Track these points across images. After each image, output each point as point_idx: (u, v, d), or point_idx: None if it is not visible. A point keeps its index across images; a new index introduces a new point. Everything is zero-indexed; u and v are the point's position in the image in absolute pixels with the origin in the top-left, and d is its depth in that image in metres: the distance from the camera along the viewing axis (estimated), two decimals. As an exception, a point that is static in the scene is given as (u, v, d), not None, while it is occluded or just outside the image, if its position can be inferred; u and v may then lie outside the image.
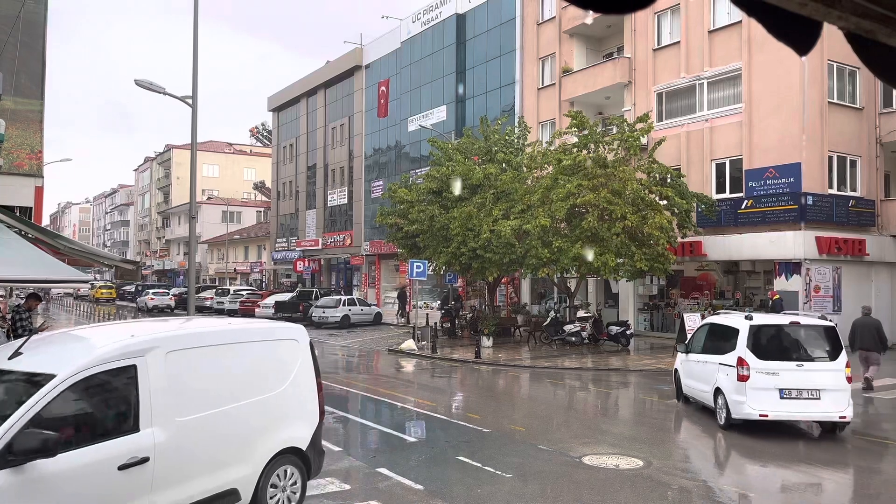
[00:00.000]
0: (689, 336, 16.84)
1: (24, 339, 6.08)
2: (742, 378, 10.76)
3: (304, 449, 7.09)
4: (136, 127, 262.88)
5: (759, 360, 10.77)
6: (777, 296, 21.69)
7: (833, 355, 10.81)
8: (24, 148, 15.81)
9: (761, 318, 11.68)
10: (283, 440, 6.89)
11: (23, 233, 13.33)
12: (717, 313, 15.04)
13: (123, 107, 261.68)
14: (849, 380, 10.72)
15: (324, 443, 10.51)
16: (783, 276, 22.19)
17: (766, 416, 10.65)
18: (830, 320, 11.91)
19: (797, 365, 10.70)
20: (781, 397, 10.60)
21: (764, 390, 10.63)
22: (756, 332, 11.03)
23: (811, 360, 10.84)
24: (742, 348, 10.96)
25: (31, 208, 15.76)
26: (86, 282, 15.73)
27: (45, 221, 41.87)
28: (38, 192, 16.08)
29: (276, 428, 6.87)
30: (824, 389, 10.57)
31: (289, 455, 6.94)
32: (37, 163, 16.08)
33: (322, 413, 7.44)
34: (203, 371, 6.33)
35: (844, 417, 10.53)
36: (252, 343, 7.00)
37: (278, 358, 7.14)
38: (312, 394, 7.36)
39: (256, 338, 7.14)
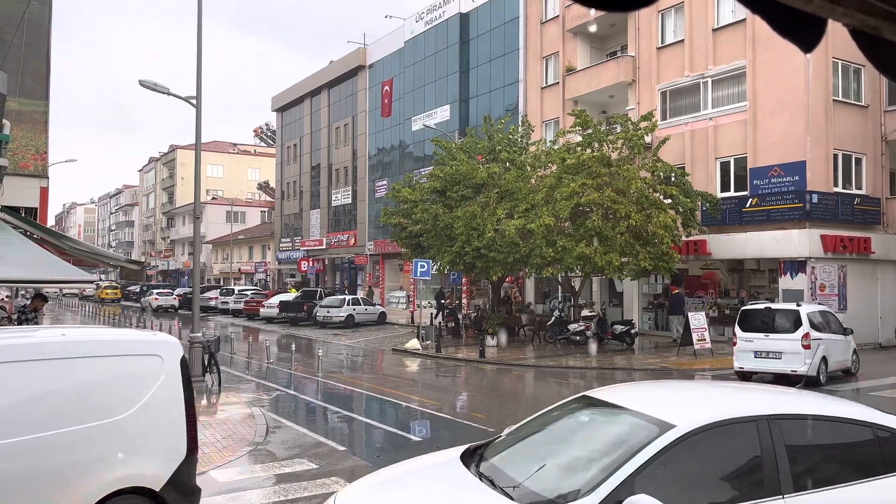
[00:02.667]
0: (693, 335, 18.72)
1: None
2: (734, 344, 15.93)
3: (157, 490, 5.74)
4: (139, 127, 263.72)
5: (742, 332, 15.62)
6: (676, 290, 23.85)
7: (793, 330, 14.90)
8: (28, 149, 15.86)
9: (750, 305, 17.01)
10: (123, 478, 5.61)
11: (28, 233, 13.38)
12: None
13: (127, 107, 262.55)
14: (806, 347, 14.63)
15: (329, 442, 10.59)
16: (788, 274, 22.13)
17: (743, 368, 15.52)
18: (799, 305, 15.88)
19: (765, 335, 15.22)
20: (755, 357, 15.34)
21: (744, 352, 15.52)
22: (743, 313, 16.21)
23: (776, 332, 15.13)
24: (735, 325, 16.05)
25: (36, 209, 15.83)
26: (91, 282, 15.79)
27: (51, 222, 42.02)
28: (44, 192, 16.14)
29: (114, 463, 5.62)
30: (784, 352, 14.87)
31: (136, 496, 5.69)
32: (42, 163, 16.14)
33: (194, 446, 6.10)
34: None
35: (795, 371, 14.40)
36: (84, 359, 5.78)
37: (126, 377, 5.90)
38: (177, 422, 5.98)
39: (93, 353, 5.88)
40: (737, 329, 15.92)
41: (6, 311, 16.87)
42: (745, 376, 15.58)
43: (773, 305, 16.47)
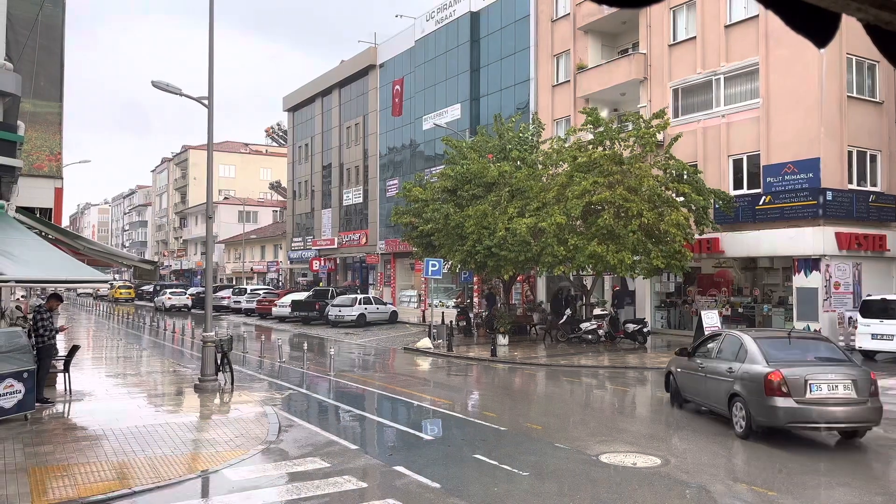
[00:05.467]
0: (706, 333, 18.84)
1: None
2: (854, 327, 19.84)
3: None
4: (152, 128, 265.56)
5: (863, 318, 19.13)
6: (618, 288, 25.85)
7: None
8: (43, 150, 16.00)
9: (870, 296, 19.69)
10: None
11: (43, 234, 13.51)
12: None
13: (140, 108, 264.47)
14: None
15: (341, 441, 10.61)
16: (802, 272, 21.97)
17: (862, 347, 18.96)
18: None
19: (880, 321, 18.59)
20: (872, 338, 18.89)
21: (864, 335, 19.08)
22: (864, 303, 19.55)
23: (890, 318, 18.38)
24: (857, 313, 19.99)
25: (50, 209, 15.96)
26: (105, 282, 15.88)
27: (65, 222, 42.41)
28: (58, 193, 16.28)
29: None
30: (895, 335, 18.40)
31: None
32: (56, 164, 16.28)
33: None
34: None
35: None
36: None
37: None
38: None
39: None
40: (858, 315, 19.47)
41: (22, 311, 17.02)
42: (868, 354, 19.02)
43: (889, 296, 19.38)
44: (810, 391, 9.65)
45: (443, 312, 30.87)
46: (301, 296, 38.83)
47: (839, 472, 8.99)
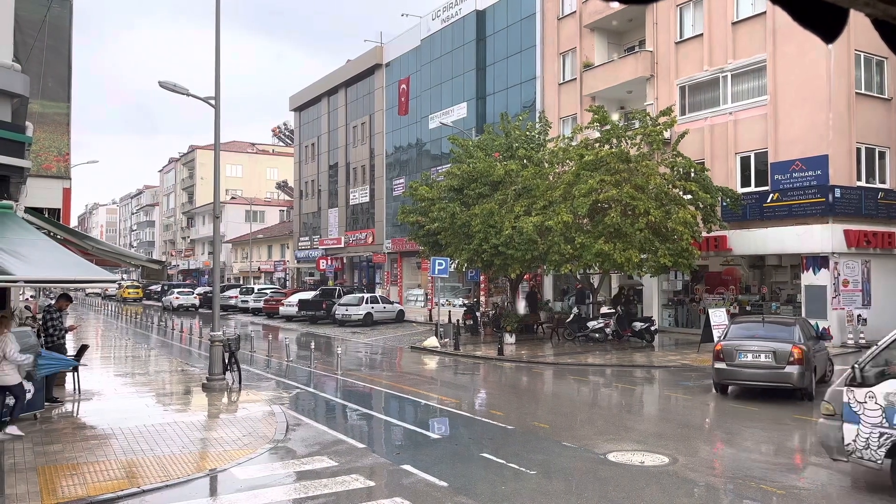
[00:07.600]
0: (714, 332, 18.71)
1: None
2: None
3: None
4: (159, 128, 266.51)
5: None
6: (580, 286, 26.31)
7: None
8: (51, 150, 16.08)
9: None
10: None
11: (51, 234, 13.56)
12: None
13: (147, 108, 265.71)
14: None
15: (348, 439, 10.63)
16: (811, 270, 21.87)
17: None
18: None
19: None
20: None
21: None
22: None
23: None
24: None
25: (59, 210, 16.04)
26: (113, 282, 15.96)
27: (73, 222, 42.54)
28: (66, 193, 16.36)
29: None
30: None
31: None
32: (64, 165, 16.36)
33: None
34: None
35: None
36: None
37: None
38: None
39: None
40: None
41: (31, 311, 17.12)
42: None
43: None
44: (738, 358, 13.13)
45: (449, 311, 30.88)
46: (308, 295, 38.91)
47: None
